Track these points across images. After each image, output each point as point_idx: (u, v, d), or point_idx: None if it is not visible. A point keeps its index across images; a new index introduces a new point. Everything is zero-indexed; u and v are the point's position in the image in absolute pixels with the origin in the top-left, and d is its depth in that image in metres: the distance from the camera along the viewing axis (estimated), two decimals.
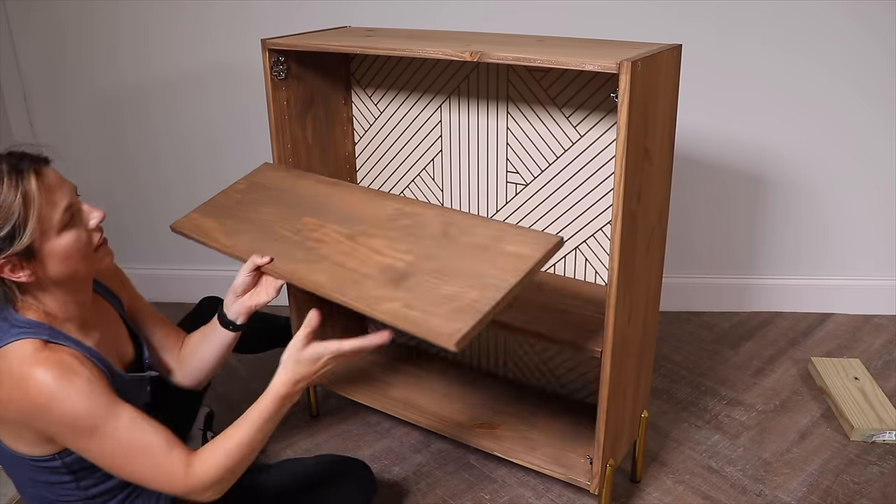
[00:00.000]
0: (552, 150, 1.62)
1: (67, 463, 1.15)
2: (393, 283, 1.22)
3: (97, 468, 1.17)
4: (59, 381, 1.05)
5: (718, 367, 2.22)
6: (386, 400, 1.81)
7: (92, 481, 1.19)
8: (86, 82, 2.41)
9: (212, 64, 2.36)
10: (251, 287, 1.41)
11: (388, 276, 1.24)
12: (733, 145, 2.31)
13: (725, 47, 2.19)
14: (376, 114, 1.85)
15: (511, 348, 1.87)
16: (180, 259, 2.59)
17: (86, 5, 2.32)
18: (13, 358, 1.06)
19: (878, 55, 2.17)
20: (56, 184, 1.09)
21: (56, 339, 1.11)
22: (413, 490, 1.74)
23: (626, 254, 1.32)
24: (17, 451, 1.13)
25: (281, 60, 1.64)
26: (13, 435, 1.13)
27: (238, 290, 1.40)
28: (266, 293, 1.41)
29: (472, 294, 1.14)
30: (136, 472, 1.12)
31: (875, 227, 2.38)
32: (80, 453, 1.11)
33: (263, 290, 1.41)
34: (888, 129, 2.25)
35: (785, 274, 2.48)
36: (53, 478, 1.16)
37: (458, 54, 1.34)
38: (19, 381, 1.05)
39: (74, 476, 1.17)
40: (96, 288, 1.29)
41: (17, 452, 1.14)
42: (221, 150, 2.46)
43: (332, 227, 1.41)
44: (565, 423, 1.70)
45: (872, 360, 2.23)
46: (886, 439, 1.86)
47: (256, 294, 1.41)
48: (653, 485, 1.74)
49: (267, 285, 1.41)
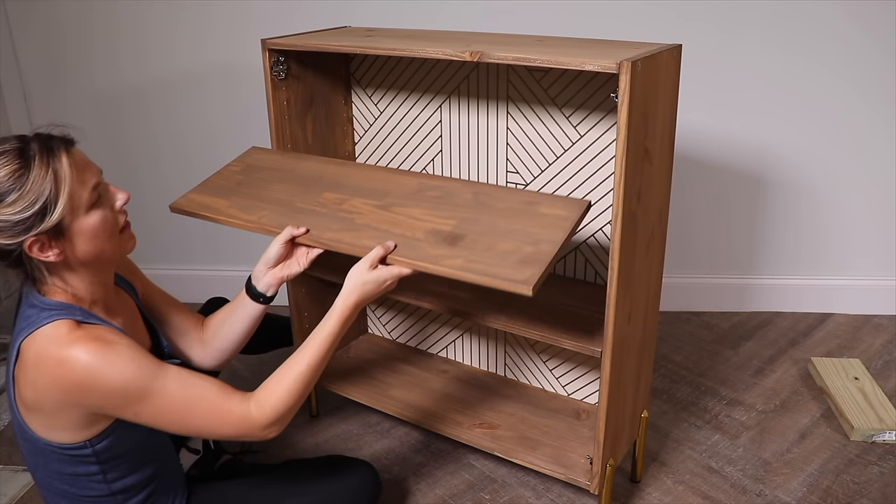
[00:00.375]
0: (552, 150, 1.62)
1: (98, 451, 1.14)
2: (447, 244, 1.27)
3: (124, 460, 1.18)
4: (100, 354, 1.06)
5: (718, 367, 2.22)
6: (386, 400, 1.81)
7: (117, 474, 1.19)
8: (85, 82, 2.41)
9: (212, 64, 2.36)
10: (284, 258, 1.41)
11: (439, 239, 1.28)
12: (733, 145, 2.31)
13: (725, 47, 2.19)
14: (376, 114, 1.85)
15: (511, 348, 1.87)
16: (180, 259, 2.59)
17: (85, 5, 2.32)
18: (48, 341, 1.07)
19: (878, 55, 2.17)
20: (84, 163, 1.11)
21: (88, 319, 1.12)
22: (413, 490, 1.74)
23: (626, 254, 1.32)
24: (50, 440, 1.13)
25: (281, 60, 1.64)
26: (50, 422, 1.11)
27: (271, 260, 1.40)
28: (298, 264, 1.41)
29: (528, 249, 1.21)
30: (196, 424, 1.14)
31: (875, 227, 2.38)
32: (135, 420, 1.11)
33: (296, 261, 1.42)
34: (888, 129, 2.25)
35: (785, 274, 2.48)
36: (81, 468, 1.16)
37: (458, 54, 1.34)
38: (58, 365, 1.05)
39: (101, 467, 1.16)
40: None
41: (50, 442, 1.13)
42: (221, 151, 2.45)
43: (358, 200, 1.43)
44: (565, 423, 1.70)
45: (872, 360, 2.23)
46: (886, 439, 1.86)
47: (288, 265, 1.41)
48: (653, 485, 1.74)
49: (300, 256, 1.42)
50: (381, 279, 1.26)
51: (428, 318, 1.99)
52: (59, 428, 1.11)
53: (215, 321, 1.46)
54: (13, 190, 1.03)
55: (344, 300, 1.25)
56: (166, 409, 1.11)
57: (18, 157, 1.05)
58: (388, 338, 2.10)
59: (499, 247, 1.24)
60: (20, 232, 1.05)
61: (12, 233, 1.05)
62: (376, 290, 1.27)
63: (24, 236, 1.05)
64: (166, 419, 1.13)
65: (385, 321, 2.09)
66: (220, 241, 2.55)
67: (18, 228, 1.04)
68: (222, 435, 1.17)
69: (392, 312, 2.06)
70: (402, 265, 1.27)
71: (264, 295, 1.42)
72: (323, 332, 1.24)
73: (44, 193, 1.05)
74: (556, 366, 1.81)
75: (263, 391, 1.19)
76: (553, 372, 1.82)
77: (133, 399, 1.08)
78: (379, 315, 2.09)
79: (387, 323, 2.08)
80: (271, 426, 1.18)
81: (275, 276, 1.41)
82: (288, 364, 1.22)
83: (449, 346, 1.99)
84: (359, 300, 1.26)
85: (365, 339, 2.10)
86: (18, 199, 1.03)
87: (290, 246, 1.41)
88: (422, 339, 2.03)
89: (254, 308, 1.42)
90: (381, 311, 2.08)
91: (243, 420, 1.16)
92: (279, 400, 1.18)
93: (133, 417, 1.11)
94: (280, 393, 1.19)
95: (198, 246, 2.57)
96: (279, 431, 1.20)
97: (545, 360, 1.82)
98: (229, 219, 1.47)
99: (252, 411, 1.16)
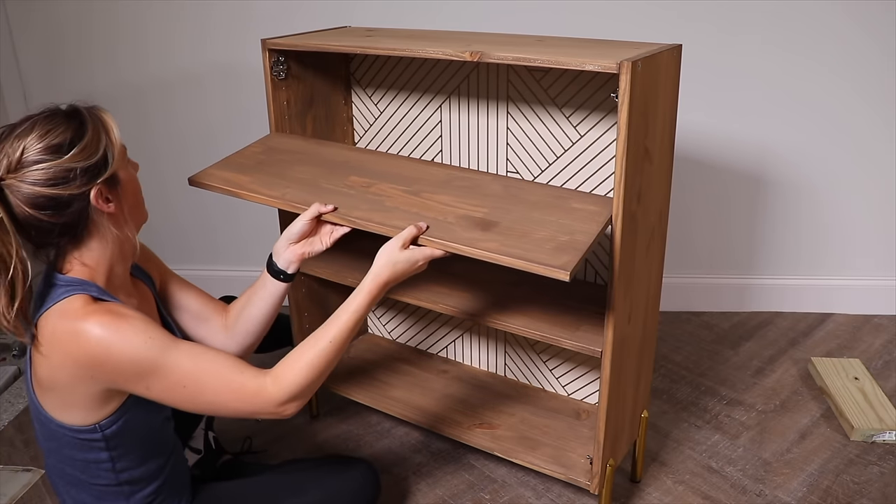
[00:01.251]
0: (552, 150, 1.62)
1: (108, 436, 1.15)
2: (481, 229, 1.26)
3: (133, 448, 1.18)
4: (112, 327, 1.07)
5: (718, 367, 2.22)
6: (386, 400, 1.81)
7: (125, 464, 1.19)
8: (85, 82, 2.41)
9: (211, 64, 2.36)
10: (307, 236, 1.40)
11: (473, 224, 1.28)
12: (733, 145, 2.31)
13: (725, 47, 2.19)
14: (376, 114, 1.85)
15: (511, 348, 1.87)
16: (180, 259, 2.58)
17: (85, 5, 2.32)
18: (63, 315, 1.08)
19: (878, 55, 2.17)
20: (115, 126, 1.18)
21: (103, 296, 1.13)
22: (413, 490, 1.74)
23: (626, 254, 1.32)
24: (62, 422, 1.13)
25: (281, 60, 1.64)
26: (64, 400, 1.12)
27: (294, 236, 1.39)
28: (322, 243, 1.40)
29: (563, 238, 1.22)
30: (208, 399, 1.13)
31: (875, 227, 2.38)
32: (146, 395, 1.12)
33: (319, 239, 1.40)
34: (888, 129, 2.25)
35: (785, 274, 2.48)
36: (91, 455, 1.16)
37: (458, 54, 1.34)
38: (72, 338, 1.06)
39: (110, 454, 1.17)
40: None
41: (63, 424, 1.13)
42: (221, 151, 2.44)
43: (386, 184, 1.42)
44: (565, 423, 1.70)
45: (872, 360, 2.24)
46: (886, 439, 1.86)
47: (311, 243, 1.40)
48: (653, 485, 1.74)
49: (323, 235, 1.41)
50: (413, 259, 1.25)
51: (428, 319, 1.99)
52: (71, 407, 1.12)
53: (237, 306, 1.44)
54: (77, 141, 1.09)
55: (374, 277, 1.24)
56: (178, 384, 1.11)
57: (71, 115, 1.13)
58: (389, 338, 2.10)
59: (534, 234, 1.24)
60: (89, 179, 1.10)
61: (81, 181, 1.09)
62: (407, 270, 1.25)
63: (92, 183, 1.10)
64: (178, 394, 1.12)
65: (385, 321, 2.08)
66: (219, 241, 2.55)
67: (88, 176, 1.09)
68: (236, 411, 1.15)
69: (392, 313, 2.06)
70: (435, 247, 1.26)
71: (284, 272, 1.39)
72: (350, 307, 1.22)
73: (101, 142, 1.12)
74: (556, 366, 1.81)
75: (282, 365, 1.17)
76: (553, 372, 1.82)
77: (145, 372, 1.09)
78: (379, 315, 2.09)
79: (387, 323, 2.08)
80: (288, 402, 1.15)
81: (296, 252, 1.39)
82: (311, 339, 1.20)
83: (449, 347, 1.99)
84: (389, 279, 1.24)
85: (365, 340, 2.10)
86: (84, 149, 1.09)
87: (315, 223, 1.40)
88: (422, 339, 2.03)
89: (274, 287, 1.40)
90: (381, 311, 2.08)
91: (258, 394, 1.14)
92: (299, 374, 1.16)
93: (145, 392, 1.11)
94: (301, 367, 1.16)
95: (197, 246, 2.57)
96: (296, 409, 1.17)
97: (545, 360, 1.82)
98: (252, 193, 1.45)
99: (268, 385, 1.14)
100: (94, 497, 1.21)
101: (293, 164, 1.53)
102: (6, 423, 2.00)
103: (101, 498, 1.21)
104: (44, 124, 1.10)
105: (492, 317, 1.51)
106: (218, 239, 2.54)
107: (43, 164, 1.07)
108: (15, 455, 1.88)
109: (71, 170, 1.08)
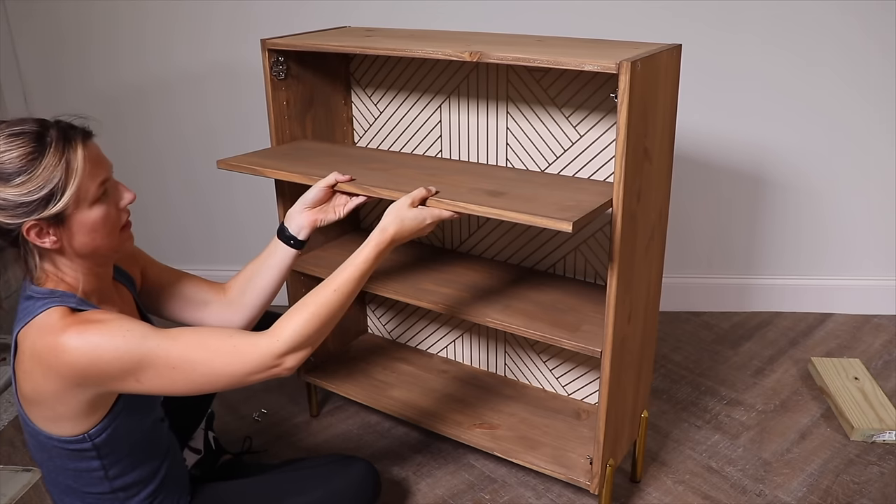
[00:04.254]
0: (552, 150, 1.62)
1: (98, 444, 1.14)
2: (490, 196, 1.34)
3: (124, 454, 1.17)
4: (88, 334, 1.05)
5: (718, 367, 2.22)
6: (386, 400, 1.81)
7: (118, 471, 1.18)
8: (85, 82, 2.41)
9: (211, 64, 2.36)
10: (322, 202, 1.43)
11: (483, 193, 1.36)
12: (733, 145, 2.31)
13: (725, 47, 2.19)
14: (376, 114, 1.85)
15: (511, 348, 1.87)
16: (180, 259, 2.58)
17: (85, 5, 2.32)
18: (42, 331, 1.06)
19: (878, 55, 2.17)
20: (98, 158, 1.12)
21: (82, 306, 1.12)
22: (413, 490, 1.74)
23: (625, 254, 1.32)
24: (51, 433, 1.12)
25: (281, 60, 1.64)
26: (50, 413, 1.11)
27: (309, 202, 1.41)
28: (335, 212, 1.44)
29: (569, 203, 1.29)
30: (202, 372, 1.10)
31: (875, 227, 2.38)
32: (140, 390, 1.10)
33: (332, 208, 1.44)
34: (888, 129, 2.25)
35: (785, 274, 2.48)
36: (83, 464, 1.16)
37: (458, 54, 1.34)
38: (52, 352, 1.05)
39: (102, 462, 1.16)
40: None
41: (52, 436, 1.13)
42: (221, 151, 2.45)
43: (404, 169, 1.53)
44: (565, 423, 1.70)
45: (872, 360, 2.23)
46: (886, 439, 1.86)
47: (324, 210, 1.43)
48: (653, 485, 1.74)
49: (338, 205, 1.44)
50: (420, 217, 1.27)
51: (428, 318, 1.99)
52: (58, 419, 1.11)
53: (241, 278, 1.43)
54: (23, 172, 1.04)
55: (381, 232, 1.24)
56: (167, 367, 1.08)
57: (35, 140, 1.05)
58: (388, 338, 2.10)
59: (541, 200, 1.32)
60: (21, 214, 1.05)
61: (13, 213, 1.05)
62: (415, 227, 1.27)
63: (25, 219, 1.05)
64: (170, 378, 1.09)
65: (385, 321, 2.09)
66: (219, 241, 2.55)
67: (20, 210, 1.04)
68: (232, 376, 1.11)
69: (392, 312, 2.06)
70: (444, 207, 1.29)
71: (296, 238, 1.41)
72: (356, 261, 1.22)
73: (52, 181, 1.05)
74: (556, 366, 1.81)
75: (281, 319, 1.15)
76: (553, 372, 1.82)
77: (132, 367, 1.07)
78: (379, 315, 2.09)
79: (387, 323, 2.08)
80: (288, 353, 1.12)
81: (309, 217, 1.41)
82: (314, 291, 1.19)
83: (449, 346, 1.99)
84: (395, 235, 1.25)
85: (365, 339, 2.10)
86: (26, 182, 1.04)
87: (331, 192, 1.43)
88: (422, 339, 2.03)
89: (285, 252, 1.41)
90: (380, 311, 2.08)
91: (252, 350, 1.11)
92: (299, 322, 1.13)
93: (137, 387, 1.09)
94: (302, 315, 1.14)
95: (198, 246, 2.57)
96: (296, 363, 1.14)
97: (545, 360, 1.82)
98: (276, 171, 1.51)
99: (263, 339, 1.12)
100: None
101: (318, 156, 1.63)
102: (6, 423, 2.00)
103: None
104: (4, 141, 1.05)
105: (492, 317, 1.51)
106: (218, 239, 2.54)
107: None
108: (15, 455, 1.88)
109: (3, 199, 1.04)
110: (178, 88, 2.39)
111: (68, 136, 1.08)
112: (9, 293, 1.11)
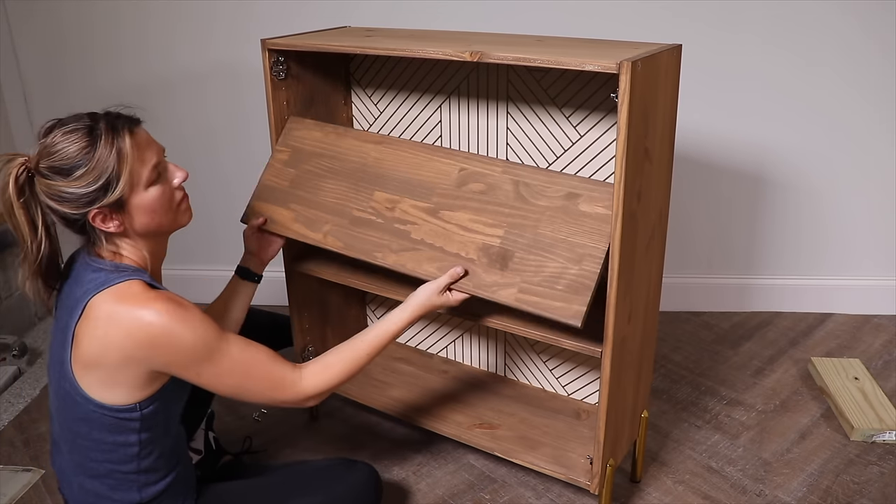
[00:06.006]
0: (552, 150, 1.62)
1: (145, 415, 1.18)
2: (499, 266, 1.39)
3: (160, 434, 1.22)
4: (176, 314, 1.13)
5: (718, 367, 2.22)
6: (386, 400, 1.81)
7: (149, 450, 1.22)
8: (86, 82, 2.41)
9: (212, 64, 2.36)
10: (261, 241, 1.62)
11: (491, 259, 1.40)
12: (733, 145, 2.31)
13: (725, 47, 2.19)
14: (376, 114, 1.85)
15: (511, 348, 1.87)
16: (181, 259, 2.58)
17: (86, 5, 2.32)
18: (124, 297, 1.13)
19: (878, 55, 2.17)
20: (147, 143, 1.19)
21: (154, 283, 1.19)
22: (413, 490, 1.74)
23: (626, 254, 1.32)
24: (102, 401, 1.15)
25: (281, 60, 1.64)
26: (108, 378, 1.14)
27: (253, 248, 1.61)
28: (277, 241, 1.62)
29: (573, 270, 1.33)
30: (252, 386, 1.23)
31: (875, 227, 2.38)
32: (196, 380, 1.19)
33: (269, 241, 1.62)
34: (888, 129, 2.25)
35: (785, 274, 2.48)
36: (121, 437, 1.18)
37: (458, 54, 1.34)
38: (136, 320, 1.11)
39: (139, 438, 1.19)
40: None
41: (102, 404, 1.15)
42: (221, 150, 2.46)
43: (408, 202, 1.52)
44: (565, 423, 1.71)
45: (872, 360, 2.24)
46: (886, 439, 1.86)
47: (268, 246, 1.62)
48: (653, 485, 1.74)
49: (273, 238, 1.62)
50: (447, 304, 1.43)
51: (428, 318, 1.99)
52: (116, 385, 1.15)
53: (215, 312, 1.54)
54: (81, 165, 1.12)
55: (412, 311, 1.40)
56: (227, 371, 1.19)
57: (88, 134, 1.13)
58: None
59: (546, 268, 1.35)
60: (85, 204, 1.13)
61: (78, 204, 1.13)
62: (434, 308, 1.44)
63: (89, 208, 1.13)
64: (225, 381, 1.20)
65: None
66: (219, 241, 2.55)
67: (84, 201, 1.13)
68: (266, 398, 1.25)
69: None
70: (464, 292, 1.42)
71: (259, 275, 1.61)
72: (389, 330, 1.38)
73: (107, 170, 1.13)
74: (556, 366, 1.81)
75: (320, 363, 1.31)
76: (553, 372, 1.82)
77: (200, 359, 1.16)
78: (379, 315, 2.09)
79: None
80: (315, 397, 1.30)
81: (259, 257, 1.61)
82: (347, 346, 1.35)
83: (449, 346, 1.99)
84: (423, 314, 1.43)
85: None
86: (85, 174, 1.12)
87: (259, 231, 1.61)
88: (421, 338, 2.03)
89: (251, 288, 1.60)
90: (381, 311, 2.08)
91: (292, 386, 1.26)
92: (334, 375, 1.31)
93: (195, 378, 1.18)
94: (338, 369, 1.31)
95: (197, 246, 2.57)
96: (317, 403, 1.33)
97: (545, 360, 1.82)
98: (297, 236, 1.60)
99: (300, 381, 1.27)
100: (109, 488, 1.22)
101: (321, 178, 1.62)
102: (6, 423, 2.00)
103: (116, 488, 1.22)
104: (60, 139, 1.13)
105: (492, 317, 1.51)
106: (218, 239, 2.54)
107: (47, 181, 1.13)
108: (15, 455, 1.88)
109: (68, 192, 1.12)
110: (178, 88, 2.39)
111: (115, 126, 1.15)
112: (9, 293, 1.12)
